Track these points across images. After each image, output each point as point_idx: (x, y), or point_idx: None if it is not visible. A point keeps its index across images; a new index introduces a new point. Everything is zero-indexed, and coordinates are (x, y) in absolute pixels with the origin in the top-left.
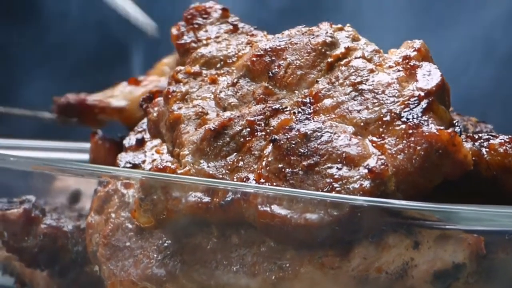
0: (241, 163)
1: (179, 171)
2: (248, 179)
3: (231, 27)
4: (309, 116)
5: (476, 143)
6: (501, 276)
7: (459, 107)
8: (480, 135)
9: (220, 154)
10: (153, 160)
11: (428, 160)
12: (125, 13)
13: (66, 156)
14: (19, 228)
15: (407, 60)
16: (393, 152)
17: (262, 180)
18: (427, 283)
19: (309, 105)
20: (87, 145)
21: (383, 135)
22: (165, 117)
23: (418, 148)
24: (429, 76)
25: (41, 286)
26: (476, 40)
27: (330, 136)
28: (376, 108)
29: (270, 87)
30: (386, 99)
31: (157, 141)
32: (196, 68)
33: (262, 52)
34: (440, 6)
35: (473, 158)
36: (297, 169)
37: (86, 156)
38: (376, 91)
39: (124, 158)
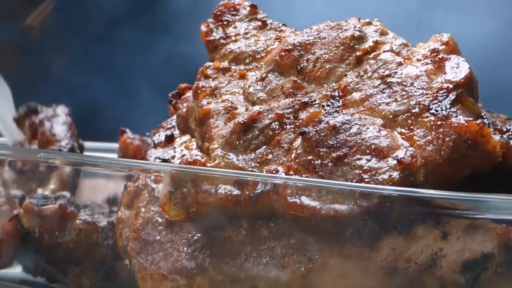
0: (270, 156)
1: (208, 164)
2: (277, 171)
3: (259, 23)
4: (338, 109)
5: (504, 136)
6: None
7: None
8: (509, 127)
9: (250, 147)
10: (183, 156)
11: (457, 151)
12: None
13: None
14: (55, 224)
15: (435, 53)
16: (422, 143)
17: (291, 172)
18: (456, 273)
19: (338, 98)
20: (115, 145)
21: (412, 127)
22: (194, 113)
23: (447, 139)
24: (457, 68)
25: (73, 283)
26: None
27: (359, 128)
28: (405, 101)
29: (298, 81)
30: (415, 92)
31: (186, 137)
32: (225, 64)
33: (290, 47)
34: None
35: (501, 150)
36: (326, 161)
37: (114, 156)
38: (404, 83)
39: (153, 154)
